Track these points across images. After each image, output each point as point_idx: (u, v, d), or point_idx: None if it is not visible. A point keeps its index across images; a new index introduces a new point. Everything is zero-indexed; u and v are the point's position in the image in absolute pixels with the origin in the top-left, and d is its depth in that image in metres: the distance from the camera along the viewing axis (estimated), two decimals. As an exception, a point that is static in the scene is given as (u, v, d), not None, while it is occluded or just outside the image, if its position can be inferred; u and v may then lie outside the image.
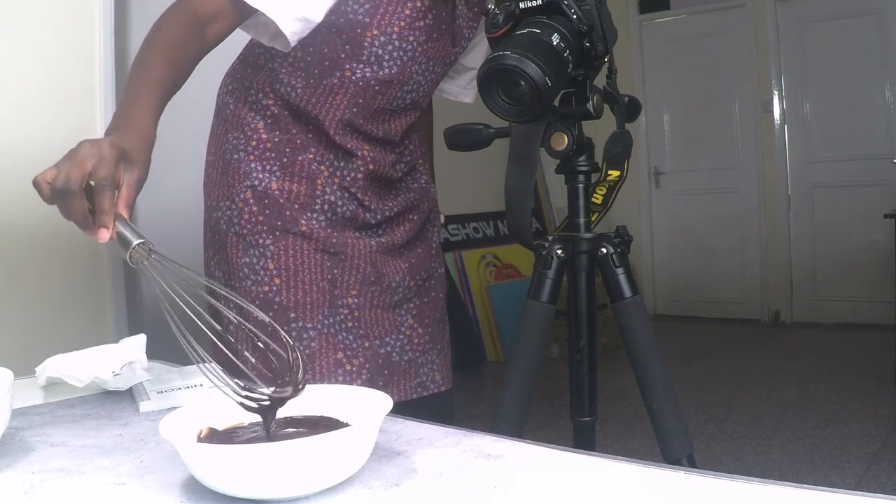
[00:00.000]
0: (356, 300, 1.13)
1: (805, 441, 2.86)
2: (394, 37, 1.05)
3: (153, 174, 0.78)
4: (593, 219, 1.03)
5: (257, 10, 0.96)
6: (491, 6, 0.95)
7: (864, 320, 4.70)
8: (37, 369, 0.94)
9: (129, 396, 0.90)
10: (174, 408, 0.80)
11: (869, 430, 2.91)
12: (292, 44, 1.01)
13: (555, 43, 0.87)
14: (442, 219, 1.43)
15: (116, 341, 0.97)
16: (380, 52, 1.06)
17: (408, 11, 1.05)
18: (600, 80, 0.99)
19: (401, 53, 1.07)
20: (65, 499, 0.58)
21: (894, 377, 3.50)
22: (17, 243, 2.12)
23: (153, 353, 0.99)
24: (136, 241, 0.69)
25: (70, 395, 0.91)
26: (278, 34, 1.00)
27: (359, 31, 1.04)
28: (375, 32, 1.04)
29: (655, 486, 0.57)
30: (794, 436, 2.93)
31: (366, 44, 1.05)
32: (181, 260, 0.70)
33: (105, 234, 0.70)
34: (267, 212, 1.11)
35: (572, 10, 0.90)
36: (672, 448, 0.97)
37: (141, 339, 0.96)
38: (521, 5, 0.92)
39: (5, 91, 2.09)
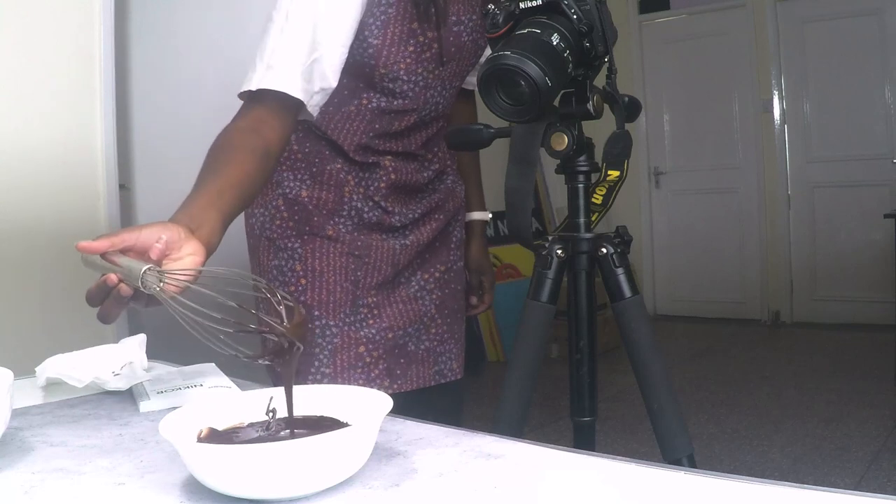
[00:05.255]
0: (375, 299, 1.19)
1: (805, 441, 2.86)
2: (401, 73, 1.08)
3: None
4: (593, 219, 1.03)
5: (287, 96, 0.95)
6: (491, 6, 0.95)
7: (864, 320, 4.70)
8: (37, 369, 0.94)
9: (129, 396, 0.90)
10: (174, 408, 0.80)
11: (869, 430, 2.91)
12: (314, 115, 1.02)
13: (555, 43, 0.87)
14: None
15: (116, 341, 0.97)
16: (390, 86, 1.09)
17: (411, 48, 1.07)
18: (600, 80, 0.98)
19: (412, 86, 1.10)
20: (65, 499, 0.58)
21: (894, 377, 3.50)
22: (16, 243, 2.12)
23: (153, 353, 0.99)
24: (144, 267, 0.66)
25: (70, 395, 0.91)
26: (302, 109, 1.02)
27: (367, 70, 1.08)
28: (383, 71, 1.08)
29: (655, 486, 0.57)
30: (794, 436, 2.93)
31: (376, 80, 1.09)
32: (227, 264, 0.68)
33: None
34: (297, 217, 1.16)
35: (572, 10, 0.90)
36: (672, 448, 0.97)
37: (141, 339, 0.96)
38: (521, 5, 0.92)
39: (5, 91, 2.09)
